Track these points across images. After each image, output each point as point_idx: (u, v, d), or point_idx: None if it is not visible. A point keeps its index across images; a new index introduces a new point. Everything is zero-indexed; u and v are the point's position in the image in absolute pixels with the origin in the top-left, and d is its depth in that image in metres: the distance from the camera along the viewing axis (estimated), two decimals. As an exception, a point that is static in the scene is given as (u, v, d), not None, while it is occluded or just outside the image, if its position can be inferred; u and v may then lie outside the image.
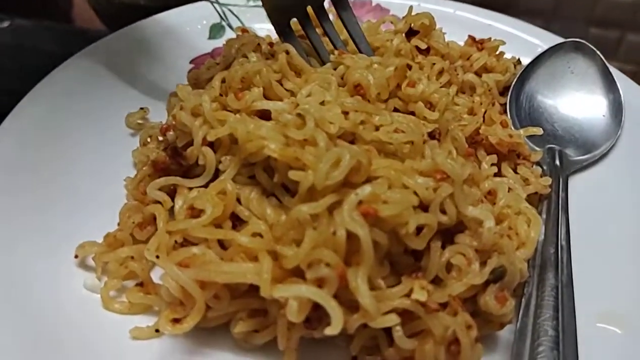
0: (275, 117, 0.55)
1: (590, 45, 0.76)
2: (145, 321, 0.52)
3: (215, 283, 0.48)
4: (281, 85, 0.61)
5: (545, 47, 0.80)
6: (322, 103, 0.58)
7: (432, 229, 0.51)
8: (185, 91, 0.61)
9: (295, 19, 0.70)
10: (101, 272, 0.55)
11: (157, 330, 0.51)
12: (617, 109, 0.74)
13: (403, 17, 0.77)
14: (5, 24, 1.07)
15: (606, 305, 0.56)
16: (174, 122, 0.60)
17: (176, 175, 0.58)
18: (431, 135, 0.57)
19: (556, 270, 0.55)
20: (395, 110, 0.64)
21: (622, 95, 0.75)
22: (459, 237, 0.53)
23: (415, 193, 0.51)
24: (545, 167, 0.69)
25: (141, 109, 0.72)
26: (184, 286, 0.47)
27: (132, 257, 0.55)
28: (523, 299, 0.54)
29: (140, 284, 0.54)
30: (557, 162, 0.69)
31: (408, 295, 0.49)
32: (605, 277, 0.59)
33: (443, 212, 0.52)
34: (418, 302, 0.48)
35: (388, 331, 0.50)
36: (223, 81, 0.60)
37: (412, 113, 0.63)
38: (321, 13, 0.71)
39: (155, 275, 0.54)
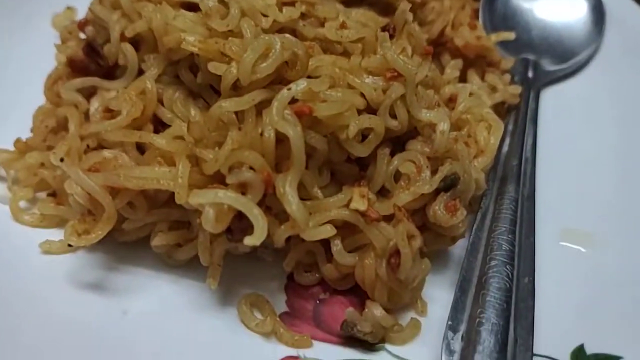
0: (201, 7, 0.47)
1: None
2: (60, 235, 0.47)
3: (127, 190, 0.42)
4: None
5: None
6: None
7: (378, 134, 0.45)
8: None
9: None
10: (12, 182, 0.49)
11: (70, 245, 0.45)
12: (598, 15, 0.67)
13: None
14: None
15: (571, 222, 0.51)
16: (92, 16, 0.52)
17: (96, 76, 0.51)
18: (384, 29, 0.50)
19: (517, 183, 0.50)
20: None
21: (604, 3, 0.67)
22: (410, 143, 0.47)
23: (362, 95, 0.45)
24: (516, 78, 0.63)
25: (68, 8, 0.64)
26: (91, 192, 0.42)
27: (43, 164, 0.48)
28: (479, 213, 0.49)
29: (54, 194, 0.48)
30: (530, 74, 0.63)
31: (347, 205, 0.44)
32: (571, 194, 0.54)
33: (393, 116, 0.46)
34: (357, 212, 0.43)
35: (327, 246, 0.45)
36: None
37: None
38: None
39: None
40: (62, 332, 0.41)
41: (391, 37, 0.50)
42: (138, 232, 0.46)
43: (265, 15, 0.47)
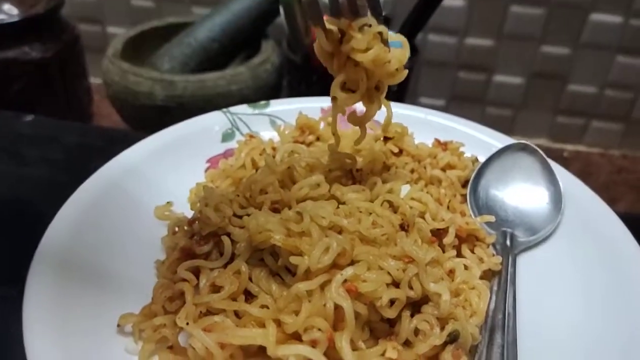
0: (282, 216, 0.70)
1: (533, 145, 0.94)
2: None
3: (232, 345, 0.62)
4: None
5: (499, 147, 0.98)
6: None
7: (402, 301, 0.65)
8: (208, 190, 0.77)
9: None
10: (138, 337, 0.69)
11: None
12: (557, 198, 0.90)
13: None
14: (29, 117, 1.24)
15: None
16: (199, 215, 0.76)
17: (200, 259, 0.73)
18: (401, 227, 0.73)
19: (503, 332, 0.69)
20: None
21: (561, 186, 0.91)
22: (425, 307, 0.67)
23: (389, 273, 0.66)
24: (498, 247, 0.84)
25: (167, 202, 0.87)
26: (208, 347, 0.61)
27: (165, 325, 0.68)
28: (476, 357, 0.68)
29: (170, 347, 0.68)
30: (508, 243, 0.85)
31: (383, 354, 0.63)
32: (550, 342, 0.72)
33: (411, 288, 0.67)
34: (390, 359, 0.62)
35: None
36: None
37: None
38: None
39: (181, 340, 0.68)
40: None
41: (406, 230, 0.73)
42: (234, 380, 0.65)
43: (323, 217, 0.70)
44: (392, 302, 0.65)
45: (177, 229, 0.81)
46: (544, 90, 1.83)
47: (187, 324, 0.63)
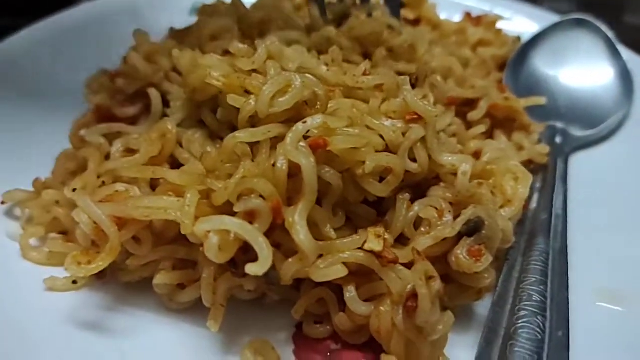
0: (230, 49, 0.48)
1: (593, 21, 0.70)
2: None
3: (134, 223, 0.41)
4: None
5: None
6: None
7: (398, 175, 0.43)
8: (142, 36, 0.56)
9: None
10: (26, 221, 0.49)
11: (74, 282, 0.44)
12: (626, 82, 0.66)
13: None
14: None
15: (606, 282, 0.47)
16: (124, 68, 0.55)
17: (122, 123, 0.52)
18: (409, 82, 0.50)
19: (547, 237, 0.47)
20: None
21: (631, 72, 0.67)
22: (433, 189, 0.45)
23: (381, 136, 0.44)
24: (544, 143, 0.61)
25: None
26: (97, 221, 0.40)
27: (58, 202, 0.48)
28: (506, 265, 0.45)
29: (65, 234, 0.47)
30: (558, 140, 0.62)
31: (362, 247, 0.41)
32: (604, 254, 0.50)
33: (414, 160, 0.44)
34: (373, 254, 0.40)
35: (340, 294, 0.42)
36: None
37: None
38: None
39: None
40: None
41: (413, 86, 0.50)
42: (142, 271, 0.44)
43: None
44: (382, 178, 0.43)
45: (99, 86, 0.59)
46: None
47: (74, 190, 0.43)
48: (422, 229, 0.43)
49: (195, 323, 0.43)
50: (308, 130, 0.41)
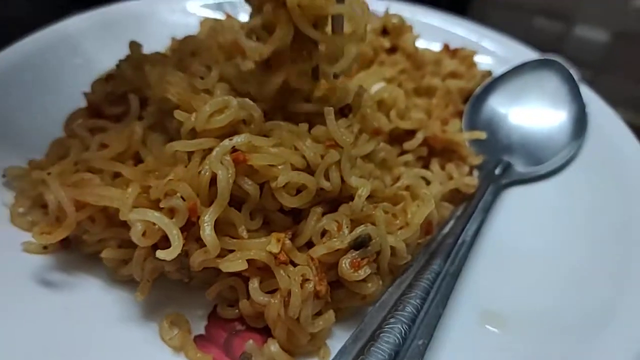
0: (192, 69, 0.58)
1: (561, 62, 0.74)
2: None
3: (90, 206, 0.51)
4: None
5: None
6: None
7: (310, 191, 0.51)
8: (135, 47, 0.66)
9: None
10: (18, 192, 0.60)
11: (45, 247, 0.54)
12: (579, 125, 0.70)
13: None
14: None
15: (490, 305, 0.53)
16: (116, 71, 0.65)
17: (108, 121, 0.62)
18: (341, 111, 0.57)
19: (445, 259, 0.53)
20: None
21: (587, 115, 0.71)
22: (342, 207, 0.53)
23: (304, 157, 0.52)
24: (482, 173, 0.67)
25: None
26: (59, 200, 0.50)
27: (43, 181, 0.58)
28: (398, 279, 0.52)
29: (46, 207, 0.58)
30: (497, 171, 0.67)
31: (267, 248, 0.49)
32: (501, 280, 0.56)
33: (328, 179, 0.52)
34: (272, 255, 0.48)
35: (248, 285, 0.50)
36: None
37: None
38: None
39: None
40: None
41: (345, 115, 0.57)
42: (96, 246, 0.53)
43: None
44: (299, 191, 0.51)
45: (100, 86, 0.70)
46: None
47: (49, 174, 0.53)
48: (323, 240, 0.51)
49: (130, 292, 0.52)
50: (234, 146, 0.49)
